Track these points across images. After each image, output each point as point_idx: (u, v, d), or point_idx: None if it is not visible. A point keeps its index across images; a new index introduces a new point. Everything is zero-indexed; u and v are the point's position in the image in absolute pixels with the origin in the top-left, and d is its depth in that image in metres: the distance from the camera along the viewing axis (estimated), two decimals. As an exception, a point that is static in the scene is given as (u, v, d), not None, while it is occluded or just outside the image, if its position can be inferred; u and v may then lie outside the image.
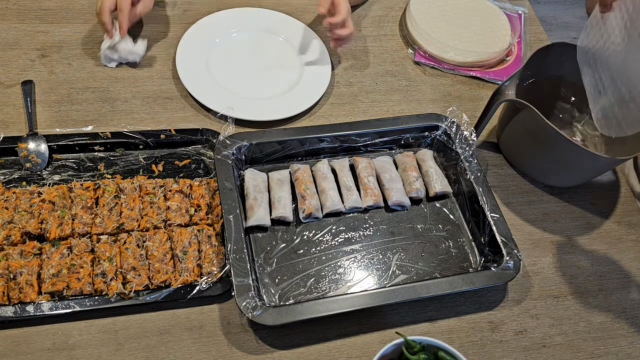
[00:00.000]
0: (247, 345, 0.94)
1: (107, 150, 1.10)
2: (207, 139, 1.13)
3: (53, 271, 0.91)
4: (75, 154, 1.09)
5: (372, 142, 1.19)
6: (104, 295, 0.92)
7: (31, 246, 0.94)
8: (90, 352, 0.89)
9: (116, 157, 1.10)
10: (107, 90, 1.21)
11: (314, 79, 1.30)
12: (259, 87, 1.27)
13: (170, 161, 1.12)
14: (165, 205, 1.02)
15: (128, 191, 1.02)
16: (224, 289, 0.95)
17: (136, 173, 1.08)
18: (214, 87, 1.23)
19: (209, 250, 0.98)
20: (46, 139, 1.07)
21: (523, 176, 1.25)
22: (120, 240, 0.96)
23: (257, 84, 1.28)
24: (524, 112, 1.14)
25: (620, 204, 1.25)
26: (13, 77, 1.19)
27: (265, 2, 1.44)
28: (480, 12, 1.53)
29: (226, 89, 1.24)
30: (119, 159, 1.10)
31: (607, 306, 1.09)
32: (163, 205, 1.02)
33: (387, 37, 1.46)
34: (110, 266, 0.93)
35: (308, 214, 1.07)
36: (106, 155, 1.10)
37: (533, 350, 1.01)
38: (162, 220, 1.01)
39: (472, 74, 1.41)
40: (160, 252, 0.96)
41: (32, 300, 0.89)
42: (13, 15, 1.29)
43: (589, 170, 1.19)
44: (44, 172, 1.05)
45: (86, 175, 1.07)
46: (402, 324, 1.00)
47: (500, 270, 1.01)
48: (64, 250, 0.94)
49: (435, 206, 1.16)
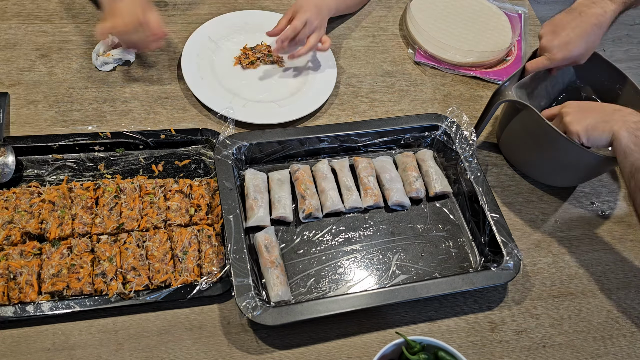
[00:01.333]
0: (247, 345, 0.94)
1: (107, 150, 1.10)
2: (207, 139, 1.13)
3: (53, 271, 0.91)
4: (75, 154, 1.09)
5: (372, 142, 1.19)
6: (104, 295, 0.92)
7: (31, 246, 0.94)
8: (90, 352, 0.89)
9: (116, 157, 1.10)
10: (107, 90, 1.21)
11: (319, 82, 1.29)
12: (264, 90, 1.27)
13: (170, 161, 1.12)
14: (165, 205, 1.02)
15: (128, 191, 1.02)
16: (224, 288, 0.95)
17: (136, 173, 1.09)
18: (218, 89, 1.23)
19: (209, 250, 0.98)
20: (49, 139, 1.07)
21: (523, 176, 1.25)
22: (120, 240, 0.96)
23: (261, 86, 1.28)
24: (524, 112, 1.14)
25: (620, 203, 1.25)
26: (13, 77, 1.19)
27: (265, 2, 1.45)
28: (480, 12, 1.53)
29: (230, 91, 1.24)
30: (119, 159, 1.10)
31: (607, 306, 1.09)
32: (163, 205, 1.02)
33: (387, 37, 1.46)
34: (110, 266, 0.93)
35: (308, 214, 1.07)
36: (106, 155, 1.10)
37: (533, 350, 1.01)
38: (162, 220, 1.01)
39: (472, 73, 1.41)
40: (160, 252, 0.96)
41: (32, 300, 0.89)
42: (13, 15, 1.29)
43: (589, 170, 1.19)
44: (44, 172, 1.05)
45: (86, 175, 1.07)
46: (402, 324, 1.00)
47: (500, 270, 1.01)
48: (64, 250, 0.94)
49: (435, 206, 1.16)
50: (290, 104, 1.24)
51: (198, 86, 1.21)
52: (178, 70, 1.27)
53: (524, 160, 1.24)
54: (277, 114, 1.21)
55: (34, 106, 1.15)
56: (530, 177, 1.24)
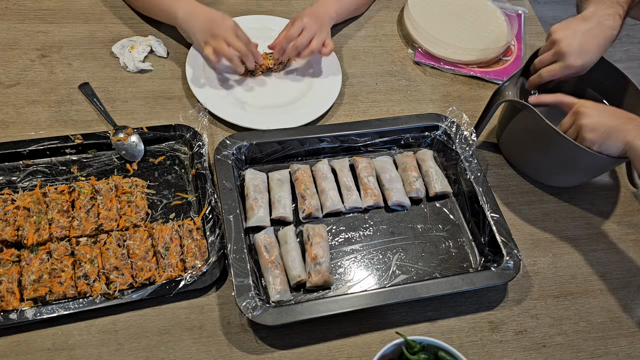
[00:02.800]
0: (247, 345, 0.94)
1: (79, 153, 1.09)
2: (180, 135, 1.13)
3: (34, 277, 0.90)
4: (47, 158, 1.07)
5: (372, 142, 1.19)
6: (88, 297, 0.91)
7: (9, 254, 0.93)
8: (90, 352, 0.89)
9: (89, 159, 1.09)
10: (107, 90, 1.21)
11: (324, 89, 1.28)
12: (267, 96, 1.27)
13: (144, 159, 1.11)
14: (145, 203, 1.02)
15: (104, 192, 1.01)
16: (211, 279, 0.95)
17: (111, 173, 1.08)
18: (227, 97, 1.23)
19: (191, 245, 0.98)
20: (18, 145, 1.05)
21: (523, 176, 1.25)
22: (100, 242, 0.96)
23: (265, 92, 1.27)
24: (523, 112, 1.14)
25: (620, 204, 1.25)
26: (13, 77, 1.19)
27: (265, 3, 1.45)
28: (477, 10, 1.53)
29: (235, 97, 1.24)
30: (92, 160, 1.09)
31: (607, 306, 1.09)
32: (141, 204, 1.02)
33: (387, 37, 1.46)
34: (92, 268, 0.92)
35: (308, 214, 1.07)
36: (78, 158, 1.09)
37: (533, 350, 1.01)
38: (141, 218, 1.00)
39: (472, 73, 1.41)
40: (142, 250, 0.96)
41: (15, 308, 0.88)
42: (13, 15, 1.29)
43: (589, 170, 1.19)
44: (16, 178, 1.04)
45: (60, 179, 1.05)
46: (402, 324, 1.00)
47: (500, 270, 1.01)
48: (44, 255, 0.93)
49: (435, 206, 1.16)
50: (294, 110, 1.24)
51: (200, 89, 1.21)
52: (179, 70, 1.27)
53: (524, 160, 1.24)
54: (280, 120, 1.20)
55: (34, 106, 1.15)
56: (530, 177, 1.25)
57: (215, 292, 0.98)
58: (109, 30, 1.30)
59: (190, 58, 1.25)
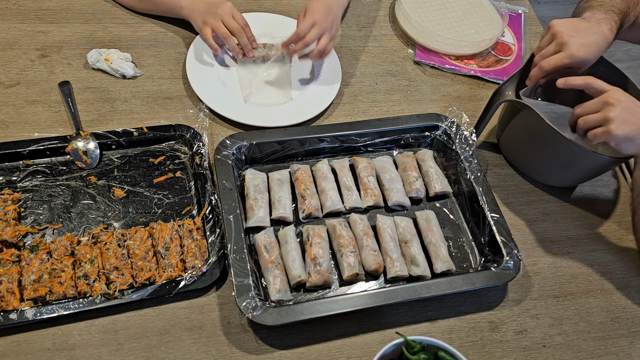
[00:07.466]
0: (247, 345, 0.94)
1: None
2: (180, 135, 1.13)
3: (34, 277, 0.90)
4: (47, 158, 1.07)
5: (372, 142, 1.19)
6: (88, 297, 0.91)
7: (9, 254, 0.93)
8: (90, 352, 0.89)
9: None
10: (107, 90, 1.21)
11: (324, 86, 1.28)
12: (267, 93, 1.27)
13: (144, 159, 1.11)
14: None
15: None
16: (211, 279, 0.95)
17: (110, 173, 1.08)
18: (226, 95, 1.23)
19: (191, 245, 0.98)
20: (18, 145, 1.05)
21: (523, 176, 1.25)
22: (100, 242, 0.96)
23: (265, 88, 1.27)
24: (524, 112, 1.14)
25: (620, 204, 1.25)
26: (13, 77, 1.19)
27: (265, 3, 1.45)
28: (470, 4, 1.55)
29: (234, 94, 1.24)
30: None
31: (607, 306, 1.09)
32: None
33: (387, 37, 1.46)
34: (92, 268, 0.93)
35: (308, 214, 1.07)
36: None
37: (533, 350, 1.01)
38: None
39: (472, 73, 1.41)
40: (142, 250, 0.96)
41: (15, 308, 0.88)
42: (13, 15, 1.29)
43: (589, 170, 1.19)
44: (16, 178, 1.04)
45: (60, 179, 1.05)
46: (402, 324, 1.00)
47: (500, 270, 1.01)
48: (44, 255, 0.93)
49: (435, 206, 1.16)
50: (294, 107, 1.24)
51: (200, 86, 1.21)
52: (178, 70, 1.27)
53: (524, 160, 1.24)
54: (279, 117, 1.20)
55: (34, 106, 1.15)
56: (530, 177, 1.24)
57: (215, 292, 0.98)
58: (109, 30, 1.30)
59: (190, 55, 1.26)
